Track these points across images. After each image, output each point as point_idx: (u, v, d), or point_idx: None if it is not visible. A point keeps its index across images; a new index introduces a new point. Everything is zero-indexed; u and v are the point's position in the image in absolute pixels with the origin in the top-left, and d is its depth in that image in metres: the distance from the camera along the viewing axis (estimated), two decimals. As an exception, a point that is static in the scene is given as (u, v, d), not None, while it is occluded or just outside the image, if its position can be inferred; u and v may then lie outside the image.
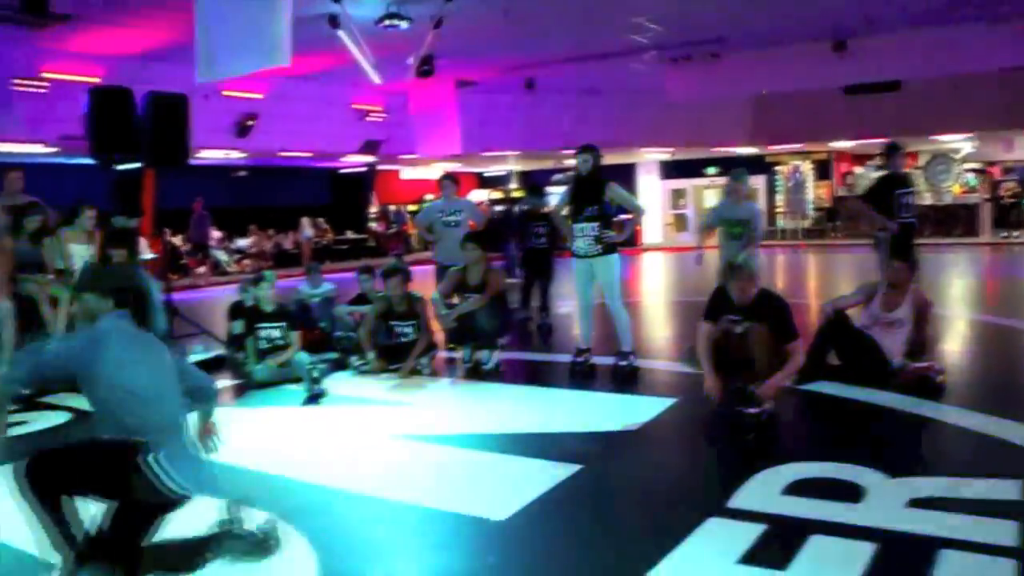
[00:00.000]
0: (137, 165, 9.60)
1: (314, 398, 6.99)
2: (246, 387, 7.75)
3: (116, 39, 14.52)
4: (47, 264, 8.36)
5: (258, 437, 6.13)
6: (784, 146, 24.60)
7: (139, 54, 14.99)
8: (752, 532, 3.86)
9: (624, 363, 7.43)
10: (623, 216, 7.86)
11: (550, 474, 4.81)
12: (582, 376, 7.52)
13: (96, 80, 13.84)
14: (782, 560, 3.56)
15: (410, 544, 4.15)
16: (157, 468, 3.32)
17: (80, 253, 8.58)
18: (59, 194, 9.29)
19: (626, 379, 7.31)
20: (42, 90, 15.46)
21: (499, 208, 22.39)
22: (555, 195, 9.91)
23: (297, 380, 7.34)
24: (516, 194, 27.00)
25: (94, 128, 9.23)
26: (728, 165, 24.77)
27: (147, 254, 10.08)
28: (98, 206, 8.94)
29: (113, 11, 12.85)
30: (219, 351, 8.95)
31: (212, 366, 8.60)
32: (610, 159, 7.89)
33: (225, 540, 3.61)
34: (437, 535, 4.19)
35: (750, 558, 3.62)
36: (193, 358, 8.83)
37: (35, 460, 3.38)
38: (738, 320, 5.88)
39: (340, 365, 8.17)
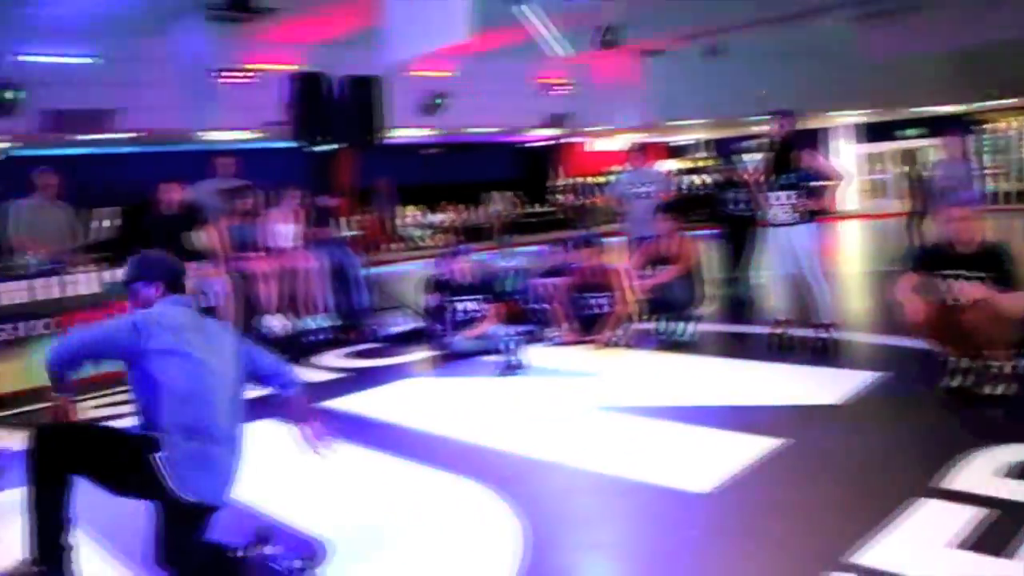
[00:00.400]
0: (335, 146, 10.02)
1: (511, 369, 7.11)
2: (444, 358, 7.97)
3: (312, 28, 15.14)
4: (258, 243, 8.85)
5: (457, 407, 6.32)
6: (993, 103, 22.98)
7: (334, 40, 15.55)
8: (967, 515, 3.65)
9: (824, 335, 7.17)
10: (820, 183, 7.56)
11: (752, 447, 4.72)
12: (780, 348, 7.31)
13: (295, 68, 14.48)
14: (1001, 547, 3.35)
15: (613, 514, 4.18)
16: (163, 468, 3.19)
17: (286, 232, 9.03)
18: (265, 176, 9.78)
19: (827, 351, 7.06)
20: (246, 80, 16.33)
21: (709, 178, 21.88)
22: (749, 162, 9.64)
23: (494, 351, 7.47)
24: (703, 163, 26.50)
25: (295, 113, 9.70)
26: (930, 126, 23.48)
27: (349, 231, 10.47)
28: (302, 186, 9.37)
29: (309, 1, 13.40)
30: (417, 323, 9.24)
31: (411, 338, 8.93)
32: (801, 123, 7.64)
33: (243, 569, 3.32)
34: (640, 506, 4.19)
35: (964, 543, 3.42)
36: (393, 330, 9.19)
37: (52, 428, 3.26)
38: (957, 275, 5.49)
39: (535, 337, 8.27)
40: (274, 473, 5.10)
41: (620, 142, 25.34)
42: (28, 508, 3.20)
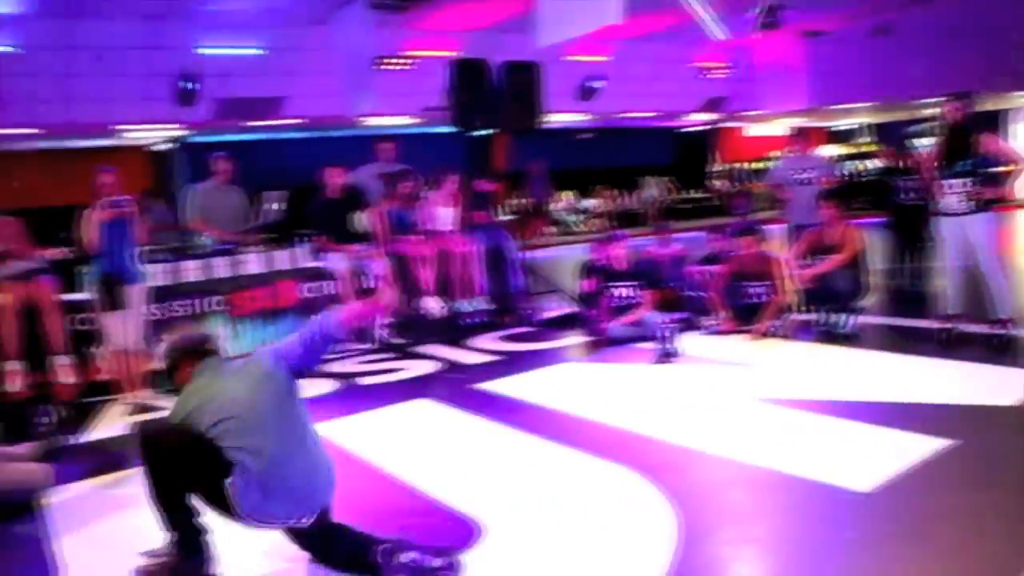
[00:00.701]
0: (490, 131, 10.14)
1: (666, 357, 7.04)
2: (598, 344, 7.98)
3: (470, 14, 15.34)
4: (417, 226, 9.06)
5: (610, 394, 6.29)
6: None
7: (491, 27, 15.71)
8: None
9: (1000, 331, 6.77)
10: (999, 169, 7.13)
11: (916, 447, 4.50)
12: (951, 344, 6.94)
13: (452, 54, 14.72)
14: None
15: (766, 509, 4.08)
16: (233, 494, 3.32)
17: (444, 216, 9.20)
18: (423, 161, 9.99)
19: (1003, 349, 6.64)
20: (406, 67, 16.70)
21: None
22: (921, 147, 9.21)
23: (648, 338, 7.42)
24: (867, 148, 25.50)
25: (454, 99, 9.86)
26: None
27: (505, 215, 10.61)
28: (459, 171, 9.51)
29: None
30: (572, 308, 9.28)
31: (565, 323, 8.98)
32: (979, 105, 7.21)
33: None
34: (795, 502, 4.07)
35: None
36: (548, 315, 9.25)
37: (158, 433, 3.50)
38: None
39: (691, 325, 8.17)
40: (429, 452, 5.22)
41: (779, 127, 24.68)
42: (152, 499, 3.43)
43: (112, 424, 6.32)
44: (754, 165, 25.33)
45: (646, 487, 4.25)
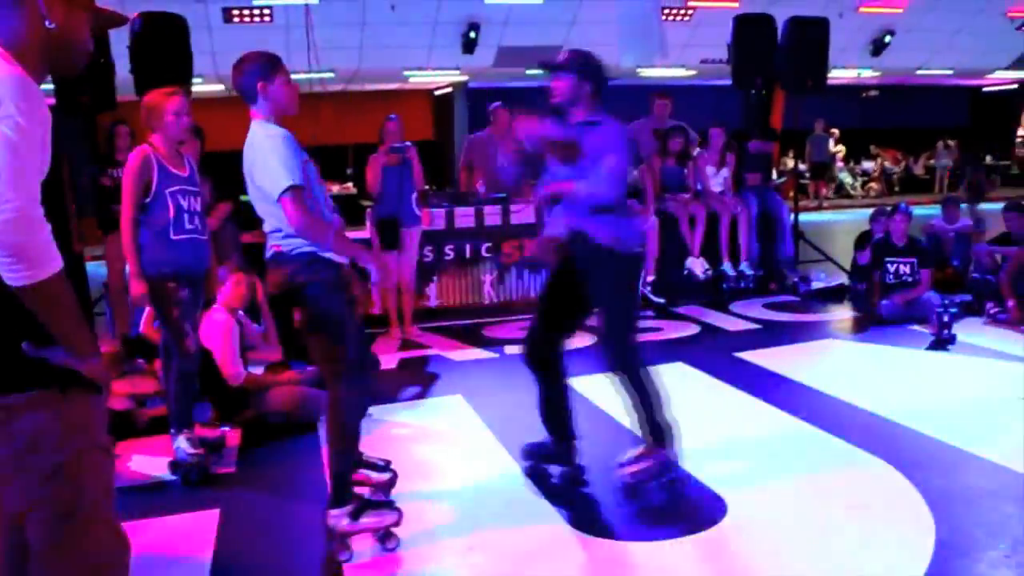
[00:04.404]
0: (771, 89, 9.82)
1: (941, 343, 6.59)
2: (867, 322, 7.59)
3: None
4: (687, 185, 8.95)
5: (874, 377, 5.97)
6: None
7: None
8: None
9: None
10: None
11: None
12: None
13: (735, 6, 14.26)
14: None
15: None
16: None
17: (715, 175, 9.04)
18: (697, 114, 9.81)
19: None
20: (686, 18, 16.38)
21: None
22: None
23: (923, 321, 6.98)
24: None
25: (738, 53, 9.61)
26: None
27: (778, 178, 10.26)
28: (733, 128, 9.28)
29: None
30: (842, 281, 8.89)
31: (834, 296, 8.62)
32: None
33: None
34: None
35: None
36: (816, 285, 8.91)
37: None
38: None
39: (973, 310, 7.58)
40: (680, 419, 5.20)
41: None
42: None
43: (383, 357, 6.67)
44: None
45: (902, 485, 4.00)
